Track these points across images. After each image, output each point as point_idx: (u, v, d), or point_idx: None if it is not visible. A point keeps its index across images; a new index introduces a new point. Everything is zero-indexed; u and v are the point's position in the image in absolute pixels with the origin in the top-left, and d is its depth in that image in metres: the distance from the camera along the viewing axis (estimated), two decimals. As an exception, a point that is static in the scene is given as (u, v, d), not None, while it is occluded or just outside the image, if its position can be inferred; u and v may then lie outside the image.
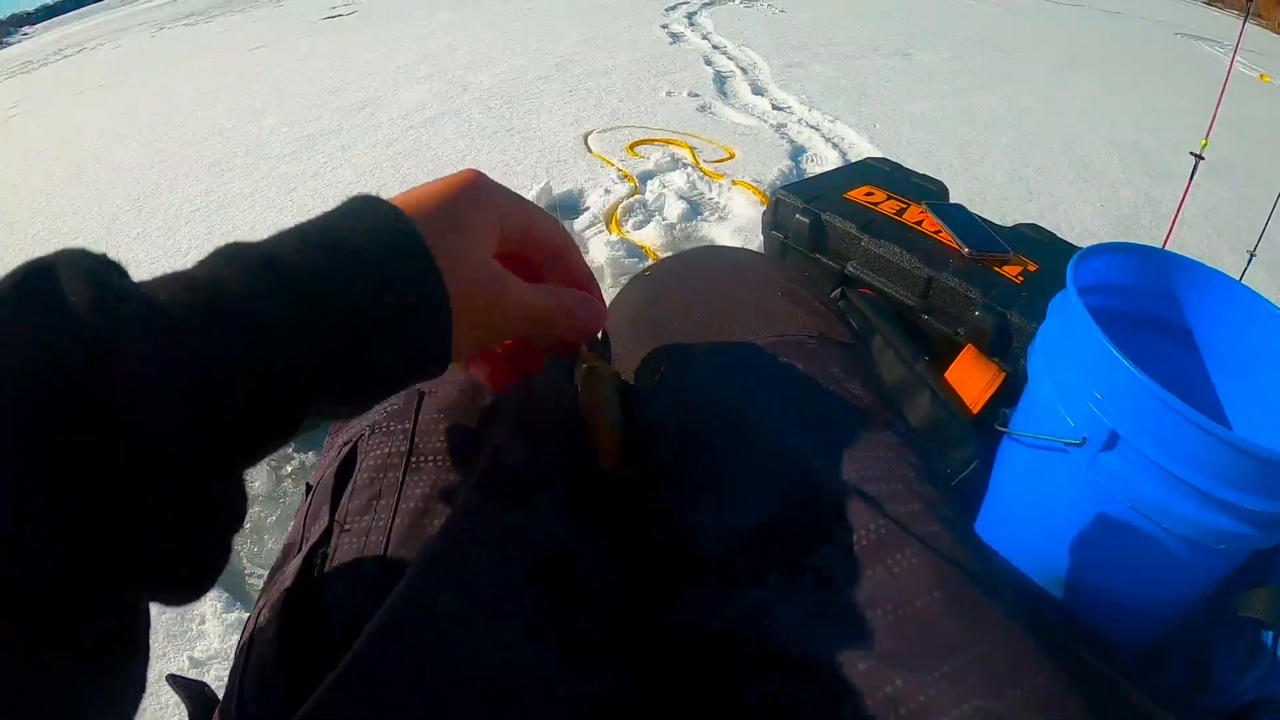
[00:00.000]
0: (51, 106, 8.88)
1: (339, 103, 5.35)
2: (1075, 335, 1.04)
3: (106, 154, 5.28)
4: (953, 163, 3.72)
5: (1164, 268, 1.22)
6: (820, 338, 0.60)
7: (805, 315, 0.62)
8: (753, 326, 0.60)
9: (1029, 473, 1.20)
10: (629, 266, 2.63)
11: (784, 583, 0.45)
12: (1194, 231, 3.10)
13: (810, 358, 0.57)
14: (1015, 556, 1.22)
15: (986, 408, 1.42)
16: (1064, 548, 1.11)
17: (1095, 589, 1.12)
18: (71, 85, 10.58)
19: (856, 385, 0.56)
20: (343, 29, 9.64)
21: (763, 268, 0.70)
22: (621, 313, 0.72)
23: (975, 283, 1.51)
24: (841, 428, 0.52)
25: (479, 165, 2.79)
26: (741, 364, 0.57)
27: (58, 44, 17.51)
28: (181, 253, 3.38)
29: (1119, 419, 0.94)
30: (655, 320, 0.67)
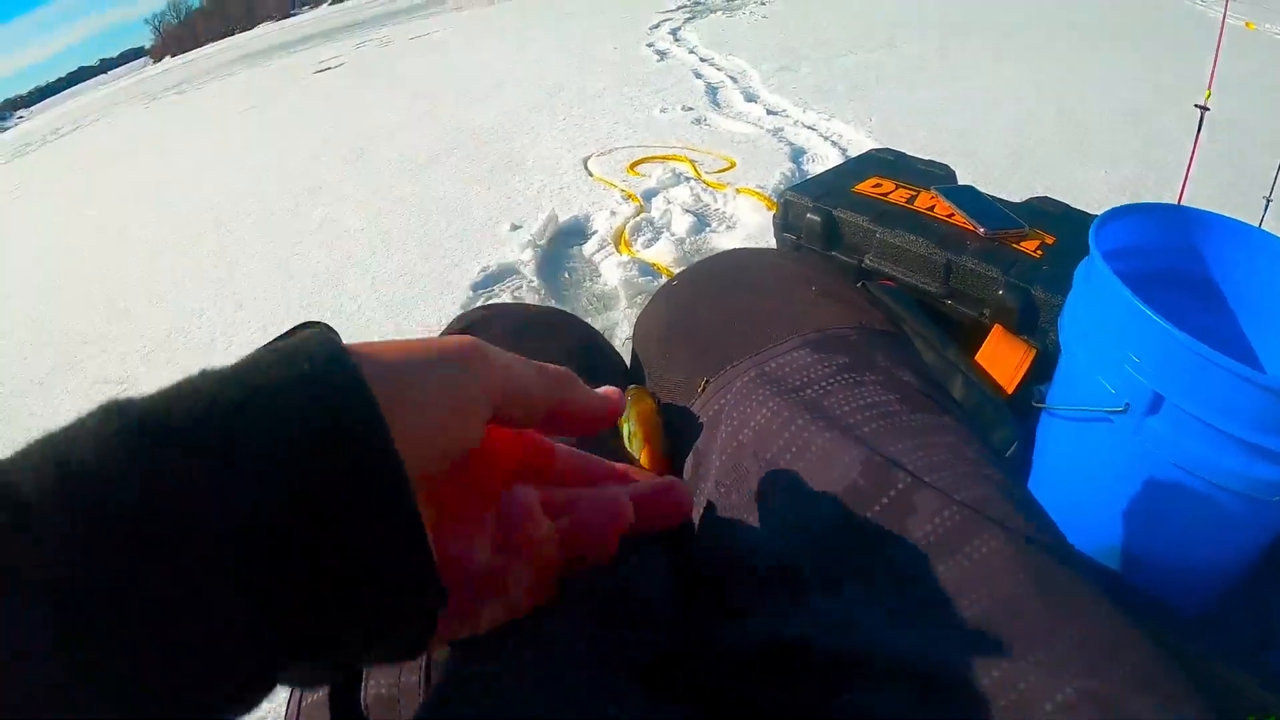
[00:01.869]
0: (53, 187, 9.01)
1: (335, 153, 5.40)
2: (1105, 301, 1.03)
3: (112, 228, 5.36)
4: (953, 148, 3.71)
5: (1184, 224, 1.21)
6: (860, 328, 0.60)
7: (842, 308, 0.62)
8: (792, 328, 0.59)
9: (1072, 446, 1.18)
10: (643, 285, 2.64)
11: (859, 585, 0.44)
12: (1202, 186, 3.08)
13: (854, 350, 0.57)
14: (1067, 532, 1.21)
15: (1020, 386, 1.41)
16: (1116, 517, 1.10)
17: (1152, 556, 1.11)
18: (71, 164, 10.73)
19: (905, 372, 0.56)
20: (332, 81, 9.75)
21: (791, 265, 0.70)
22: (651, 327, 0.72)
23: (994, 262, 1.50)
24: (897, 417, 0.52)
25: (481, 202, 2.84)
26: (782, 371, 0.56)
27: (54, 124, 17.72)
28: (195, 314, 3.41)
29: (1160, 380, 0.93)
30: (690, 332, 0.66)
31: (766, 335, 0.60)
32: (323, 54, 13.48)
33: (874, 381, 0.54)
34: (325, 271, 3.43)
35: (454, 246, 3.33)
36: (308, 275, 3.45)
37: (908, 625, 0.42)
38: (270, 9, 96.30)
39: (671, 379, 0.64)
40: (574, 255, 3.07)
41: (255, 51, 21.25)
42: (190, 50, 55.57)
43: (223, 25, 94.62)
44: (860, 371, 0.55)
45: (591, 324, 2.28)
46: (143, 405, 0.27)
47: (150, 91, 18.72)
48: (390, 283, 3.11)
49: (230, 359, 0.29)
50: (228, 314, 3.30)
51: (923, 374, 0.58)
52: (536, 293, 2.73)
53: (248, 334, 3.06)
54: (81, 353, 3.39)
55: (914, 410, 0.52)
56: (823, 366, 0.56)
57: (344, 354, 0.30)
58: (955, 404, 0.57)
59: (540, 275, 2.87)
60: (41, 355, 3.54)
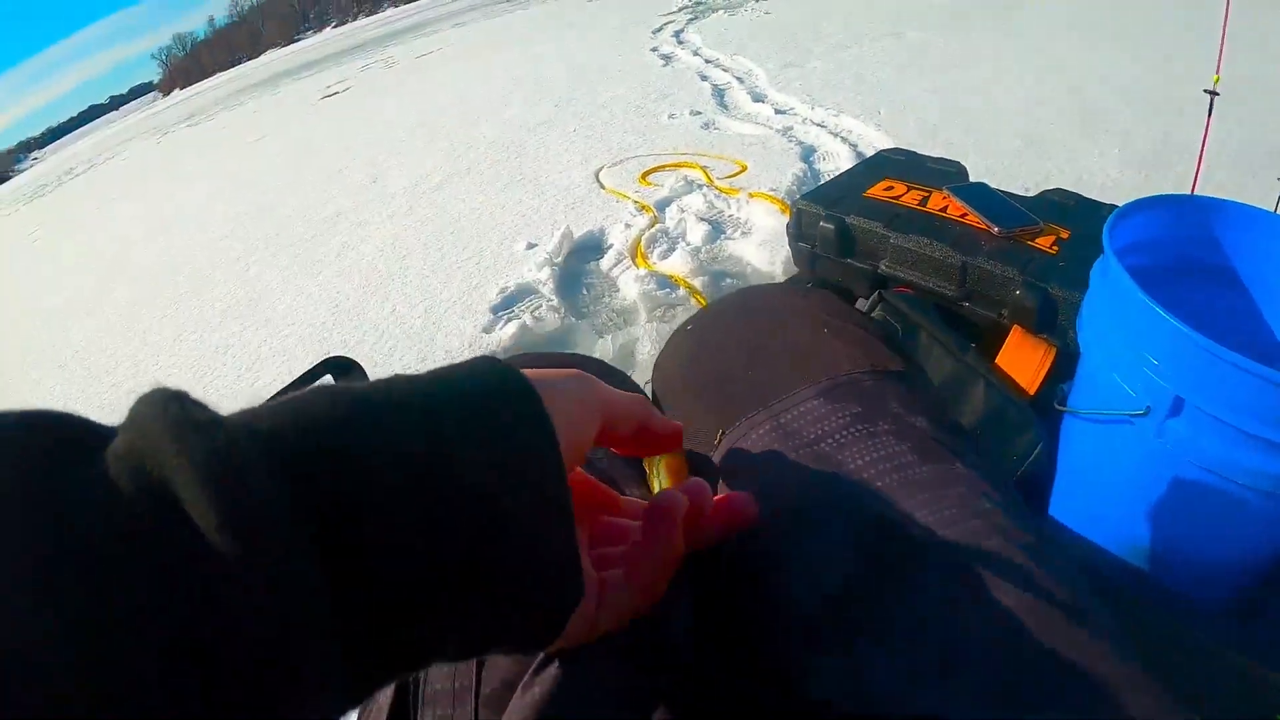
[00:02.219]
0: (70, 226, 9.12)
1: (348, 180, 5.44)
2: (1121, 302, 1.03)
3: (131, 265, 5.42)
4: (963, 136, 3.70)
5: (1200, 215, 1.21)
6: (873, 373, 0.60)
7: (854, 350, 0.63)
8: (805, 374, 0.60)
9: (1095, 448, 1.19)
10: (662, 298, 2.65)
11: (873, 643, 0.45)
12: (1214, 165, 3.06)
13: (868, 397, 0.58)
14: (1095, 532, 1.21)
15: (1043, 387, 1.41)
16: (1143, 519, 1.10)
17: (1180, 554, 1.11)
18: (87, 202, 10.85)
19: (918, 417, 0.57)
20: (340, 106, 9.79)
21: (802, 304, 0.71)
22: (669, 374, 0.73)
23: (1010, 261, 1.50)
24: (909, 470, 0.52)
25: (496, 221, 2.87)
26: (796, 423, 0.57)
27: (67, 164, 17.92)
28: (220, 351, 3.44)
29: (1180, 383, 0.93)
30: (705, 379, 0.67)
31: (780, 383, 0.61)
32: (329, 79, 13.58)
33: (887, 431, 0.55)
34: (346, 301, 3.46)
35: (472, 269, 3.35)
36: (329, 306, 3.48)
37: (925, 683, 0.43)
38: (275, 36, 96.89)
39: (690, 428, 0.64)
40: (591, 271, 3.09)
41: (262, 80, 21.42)
42: (198, 82, 55.98)
43: (229, 55, 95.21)
44: (873, 421, 0.56)
45: (612, 340, 2.29)
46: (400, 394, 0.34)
47: (161, 125, 18.88)
48: (411, 309, 3.14)
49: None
50: (252, 349, 3.34)
51: (935, 415, 0.58)
52: (556, 311, 2.75)
53: (273, 369, 3.08)
54: (114, 402, 3.43)
55: (925, 461, 0.53)
56: (837, 417, 0.57)
57: (513, 370, 0.38)
58: (968, 441, 0.58)
59: (559, 293, 2.89)
60: (68, 389, 3.59)
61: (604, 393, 0.45)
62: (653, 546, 0.45)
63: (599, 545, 0.48)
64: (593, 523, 0.49)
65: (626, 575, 0.45)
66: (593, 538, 0.49)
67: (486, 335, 2.71)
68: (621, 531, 0.50)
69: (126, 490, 0.25)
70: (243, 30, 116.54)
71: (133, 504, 0.24)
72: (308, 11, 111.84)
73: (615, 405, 0.45)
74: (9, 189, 26.86)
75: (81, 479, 0.24)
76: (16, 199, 18.41)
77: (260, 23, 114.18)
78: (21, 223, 12.21)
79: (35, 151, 27.74)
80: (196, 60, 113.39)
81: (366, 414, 0.31)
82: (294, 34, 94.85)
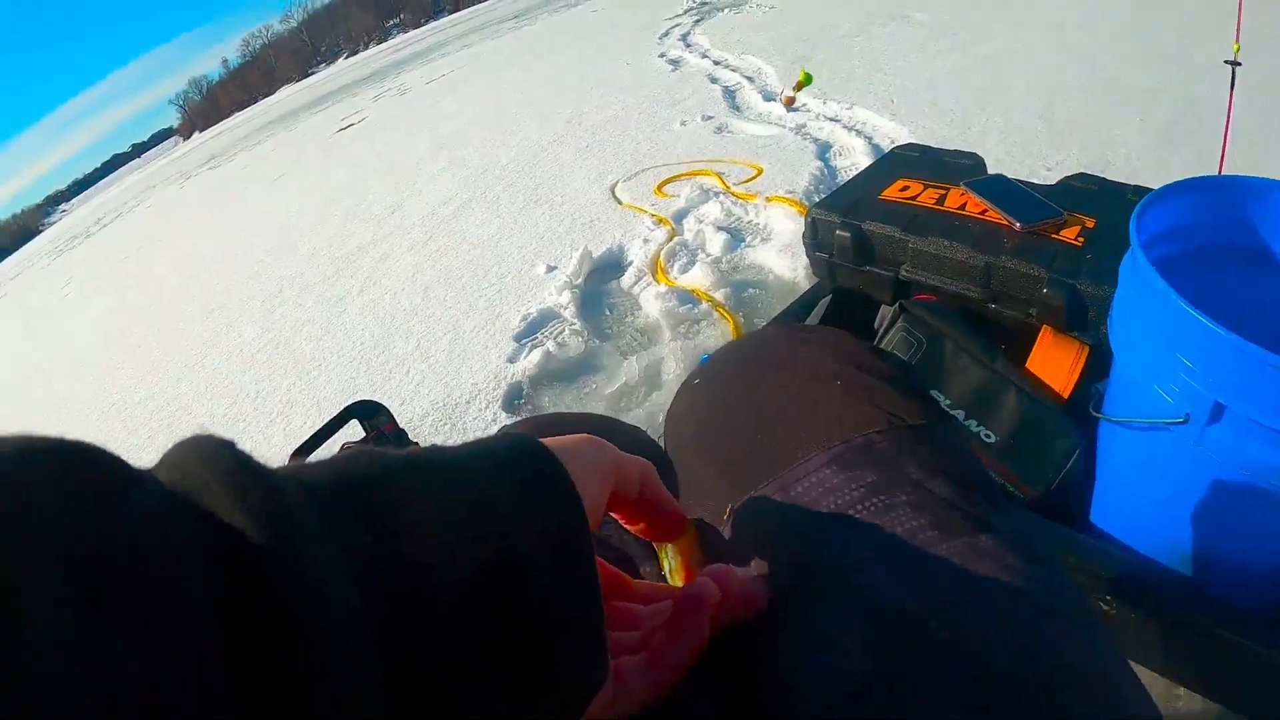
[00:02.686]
0: (100, 278, 9.27)
1: (367, 213, 5.47)
2: (1152, 302, 0.98)
3: (160, 313, 5.50)
4: (980, 118, 3.65)
5: (1231, 196, 1.15)
6: (890, 432, 0.57)
7: (867, 406, 0.59)
8: (817, 439, 0.57)
9: (1134, 455, 1.14)
10: (685, 314, 2.62)
11: None
12: (1239, 137, 2.97)
13: (883, 463, 0.54)
14: (1137, 539, 1.17)
15: (1077, 387, 1.37)
16: (1185, 525, 1.06)
17: (1225, 559, 1.06)
18: (116, 252, 11.05)
19: (939, 481, 0.53)
20: (356, 139, 9.87)
21: (814, 354, 0.66)
22: (678, 437, 0.69)
23: (1035, 258, 1.45)
24: (927, 550, 0.49)
25: (515, 245, 2.86)
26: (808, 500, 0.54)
27: (96, 214, 18.21)
28: (249, 397, 3.45)
29: (1219, 388, 0.89)
30: (713, 447, 0.64)
31: (790, 450, 0.57)
32: (344, 111, 13.68)
33: (905, 503, 0.52)
34: (371, 338, 3.45)
35: (494, 297, 3.34)
36: (354, 344, 3.48)
37: None
38: (289, 71, 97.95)
39: (700, 503, 0.61)
40: (612, 290, 3.06)
41: (279, 117, 21.66)
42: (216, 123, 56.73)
43: (245, 94, 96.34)
44: (890, 491, 0.53)
45: (637, 362, 2.26)
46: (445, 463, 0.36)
47: (184, 170, 19.14)
48: (435, 343, 3.13)
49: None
50: (282, 393, 3.34)
51: (957, 474, 0.55)
52: (579, 335, 2.72)
53: (303, 413, 3.07)
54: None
55: (946, 536, 0.50)
56: (851, 489, 0.53)
57: (539, 444, 0.40)
58: (995, 501, 0.55)
59: (581, 316, 2.87)
60: (105, 441, 3.60)
61: (614, 456, 0.47)
62: (680, 635, 0.45)
63: (612, 629, 0.46)
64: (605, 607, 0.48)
65: (648, 661, 0.45)
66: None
67: (511, 365, 2.68)
68: (631, 618, 0.50)
69: (175, 532, 0.25)
70: (256, 69, 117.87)
71: (182, 551, 0.24)
72: (319, 44, 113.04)
73: (621, 462, 0.47)
74: (41, 243, 27.39)
75: (122, 511, 0.24)
76: (48, 253, 18.72)
77: (273, 60, 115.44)
78: (53, 277, 12.42)
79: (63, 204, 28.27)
80: (214, 102, 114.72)
81: (416, 484, 0.33)
82: (307, 68, 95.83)
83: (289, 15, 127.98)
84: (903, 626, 0.45)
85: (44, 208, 46.19)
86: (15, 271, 19.11)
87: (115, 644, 0.21)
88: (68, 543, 0.22)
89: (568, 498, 0.38)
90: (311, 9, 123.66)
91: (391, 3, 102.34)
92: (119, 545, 0.23)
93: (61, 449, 0.25)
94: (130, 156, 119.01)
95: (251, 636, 0.24)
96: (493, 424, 2.42)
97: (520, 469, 0.38)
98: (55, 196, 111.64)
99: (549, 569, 0.35)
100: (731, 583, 0.48)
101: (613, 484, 0.45)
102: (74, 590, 0.21)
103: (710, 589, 0.46)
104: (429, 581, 0.31)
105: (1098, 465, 1.26)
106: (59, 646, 0.20)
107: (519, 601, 0.33)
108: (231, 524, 0.25)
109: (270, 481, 0.27)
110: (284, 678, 0.24)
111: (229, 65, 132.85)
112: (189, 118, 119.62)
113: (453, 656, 0.31)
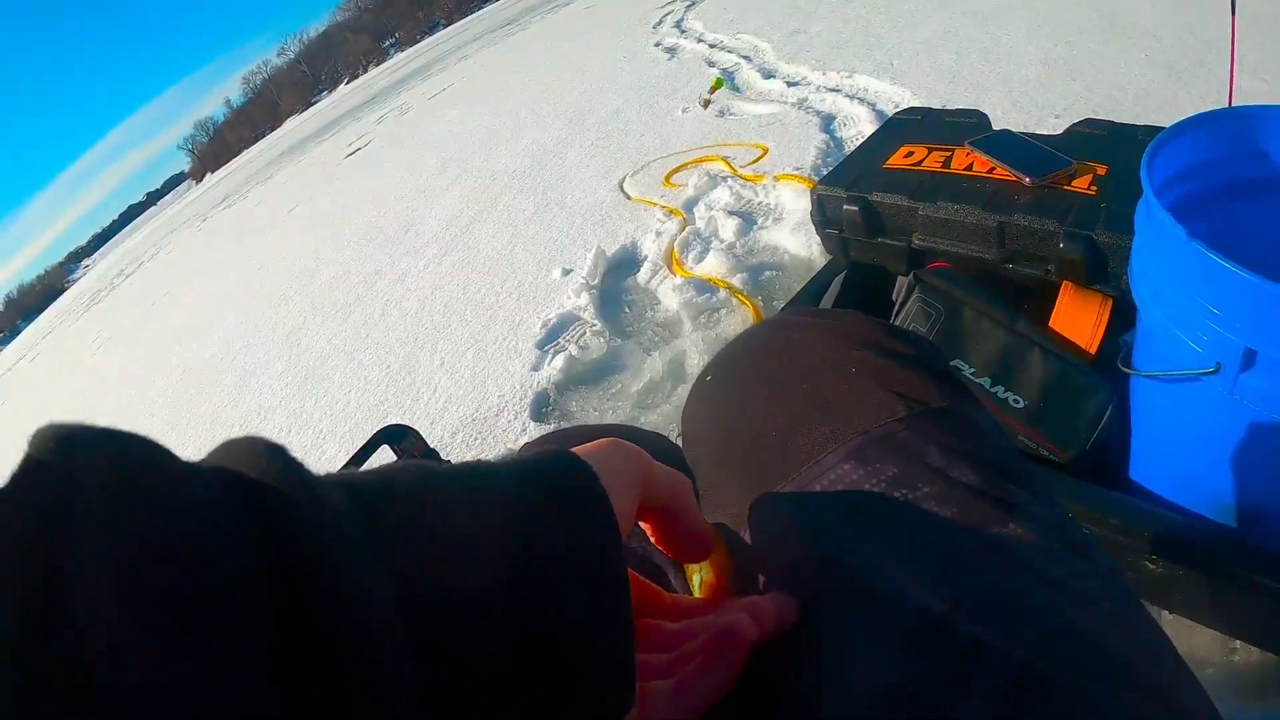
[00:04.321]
0: (129, 328, 9.36)
1: (381, 236, 5.48)
2: (1172, 250, 0.95)
3: (188, 360, 5.53)
4: (983, 72, 3.59)
5: (1244, 127, 1.11)
6: (910, 418, 0.54)
7: (886, 393, 0.56)
8: (835, 432, 0.55)
9: (1168, 408, 1.10)
10: (704, 304, 2.59)
11: None
12: (1243, 61, 2.90)
13: (904, 453, 0.52)
14: (1179, 493, 1.14)
15: (1104, 341, 1.33)
16: (1227, 477, 1.02)
17: (1271, 511, 1.02)
18: (141, 302, 11.18)
19: (963, 468, 0.51)
20: (364, 163, 9.91)
21: (827, 341, 0.63)
22: (693, 438, 0.67)
23: (1048, 212, 1.42)
24: (954, 546, 0.47)
25: (528, 252, 2.85)
26: (827, 500, 0.52)
27: (118, 266, 18.42)
28: (282, 433, 3.45)
29: (1249, 333, 0.85)
30: (728, 448, 0.61)
31: (807, 447, 0.55)
32: (349, 136, 13.73)
33: (928, 495, 0.49)
34: (396, 360, 3.45)
35: (513, 306, 3.32)
36: (381, 368, 3.48)
37: None
38: (293, 103, 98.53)
39: (721, 507, 0.59)
40: (629, 287, 3.04)
41: (287, 149, 21.78)
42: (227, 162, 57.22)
43: (251, 131, 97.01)
44: (913, 485, 0.50)
45: (660, 356, 2.24)
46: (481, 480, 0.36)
47: (200, 212, 19.30)
48: (459, 359, 3.12)
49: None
50: (314, 424, 3.34)
51: (983, 458, 0.52)
52: (601, 336, 2.71)
53: (336, 442, 3.08)
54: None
55: (973, 528, 0.48)
56: (871, 485, 0.51)
57: (576, 459, 0.40)
58: (1027, 483, 0.52)
59: (601, 317, 2.85)
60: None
61: (642, 465, 0.45)
62: (713, 668, 0.43)
63: (640, 649, 0.44)
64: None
65: (676, 689, 0.42)
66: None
67: (535, 373, 2.67)
68: (661, 635, 0.47)
69: (229, 534, 0.24)
70: (260, 104, 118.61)
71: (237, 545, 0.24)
72: (318, 73, 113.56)
73: (653, 478, 0.45)
74: (67, 300, 27.74)
75: (175, 508, 0.24)
76: (76, 309, 18.95)
77: (275, 93, 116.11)
78: (83, 332, 12.55)
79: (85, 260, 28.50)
80: (222, 142, 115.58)
81: (456, 495, 0.33)
82: (310, 98, 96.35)
83: (285, 48, 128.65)
84: (931, 631, 0.43)
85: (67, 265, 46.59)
86: (46, 330, 19.38)
87: (169, 648, 0.21)
88: (119, 537, 0.22)
89: (599, 517, 0.38)
90: (306, 39, 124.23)
91: (385, 23, 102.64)
92: (171, 542, 0.23)
93: (114, 439, 0.25)
94: (146, 205, 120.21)
95: (296, 647, 0.24)
96: (523, 434, 2.41)
97: (554, 486, 0.37)
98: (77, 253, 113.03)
99: (578, 596, 0.35)
100: (767, 617, 0.46)
101: (639, 492, 0.44)
102: (123, 586, 0.21)
103: (746, 626, 0.44)
104: (463, 599, 0.31)
105: (1132, 420, 1.23)
106: (110, 651, 0.20)
107: (548, 625, 0.33)
108: (282, 531, 0.26)
109: (318, 490, 0.28)
110: (324, 691, 0.24)
111: (232, 104, 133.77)
112: (199, 160, 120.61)
113: (482, 676, 0.30)
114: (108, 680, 0.20)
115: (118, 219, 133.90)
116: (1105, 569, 0.48)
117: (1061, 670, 0.40)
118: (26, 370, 13.11)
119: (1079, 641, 0.42)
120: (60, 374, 9.72)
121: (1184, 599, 1.10)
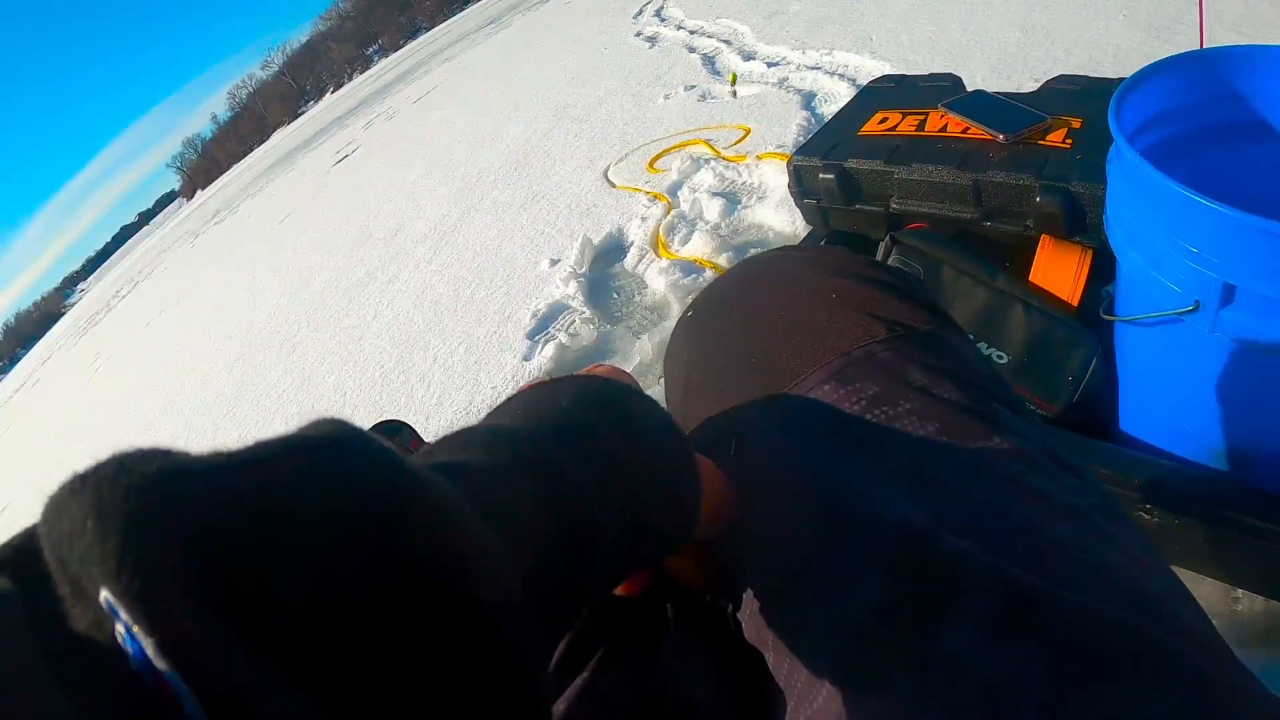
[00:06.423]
0: (127, 347, 9.37)
1: (372, 239, 5.48)
2: (1144, 192, 0.94)
3: (186, 375, 5.53)
4: (961, 40, 3.58)
5: (1215, 69, 1.10)
6: (891, 339, 0.54)
7: (866, 316, 0.56)
8: (814, 355, 0.54)
9: (1152, 353, 1.09)
10: (690, 285, 2.58)
11: (909, 679, 0.39)
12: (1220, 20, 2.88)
13: (885, 371, 0.51)
14: (1170, 440, 1.12)
15: (1085, 293, 1.32)
16: (1214, 419, 1.01)
17: (1262, 450, 1.01)
18: (138, 321, 11.18)
19: (945, 384, 0.50)
20: (352, 169, 9.89)
21: (807, 272, 0.63)
22: (673, 369, 0.67)
23: (1023, 167, 1.41)
24: (939, 461, 0.46)
25: (516, 244, 2.84)
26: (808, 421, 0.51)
27: (114, 288, 18.42)
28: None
29: (1227, 268, 0.83)
30: (709, 379, 0.61)
31: (789, 369, 0.54)
32: (337, 144, 13.71)
33: (909, 411, 0.49)
34: (390, 360, 3.45)
35: (503, 300, 3.31)
36: (375, 368, 3.47)
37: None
38: (279, 115, 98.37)
39: (704, 433, 0.58)
40: (617, 274, 3.03)
41: (276, 160, 21.75)
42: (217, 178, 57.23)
43: (240, 145, 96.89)
44: (893, 402, 0.49)
45: (649, 339, 2.23)
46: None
47: (192, 229, 19.29)
48: (452, 354, 3.11)
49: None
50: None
51: (965, 377, 0.52)
52: (590, 323, 2.70)
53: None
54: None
55: (956, 442, 0.47)
56: (852, 403, 0.50)
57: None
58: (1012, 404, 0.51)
59: (589, 304, 2.84)
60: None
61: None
62: None
63: None
64: None
65: None
66: None
67: (527, 363, 2.66)
68: None
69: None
70: (247, 118, 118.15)
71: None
72: (303, 84, 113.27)
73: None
74: (65, 324, 27.73)
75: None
76: (74, 332, 18.96)
77: (261, 106, 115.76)
78: (83, 354, 12.56)
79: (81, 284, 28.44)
80: (211, 158, 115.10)
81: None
82: (296, 109, 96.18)
83: (269, 61, 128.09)
84: (914, 550, 0.42)
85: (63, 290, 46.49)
86: (44, 355, 19.37)
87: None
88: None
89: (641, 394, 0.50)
90: (290, 51, 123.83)
91: (367, 30, 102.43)
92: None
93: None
94: (139, 225, 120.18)
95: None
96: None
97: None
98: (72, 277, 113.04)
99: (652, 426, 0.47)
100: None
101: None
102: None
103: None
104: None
105: (1118, 370, 1.21)
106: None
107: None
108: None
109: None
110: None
111: (219, 120, 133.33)
112: (189, 177, 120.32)
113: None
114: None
115: (111, 241, 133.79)
116: (1096, 487, 0.47)
117: (1051, 585, 0.39)
118: (28, 397, 13.13)
119: (1068, 555, 0.41)
120: (62, 399, 9.72)
121: (1183, 548, 1.09)
